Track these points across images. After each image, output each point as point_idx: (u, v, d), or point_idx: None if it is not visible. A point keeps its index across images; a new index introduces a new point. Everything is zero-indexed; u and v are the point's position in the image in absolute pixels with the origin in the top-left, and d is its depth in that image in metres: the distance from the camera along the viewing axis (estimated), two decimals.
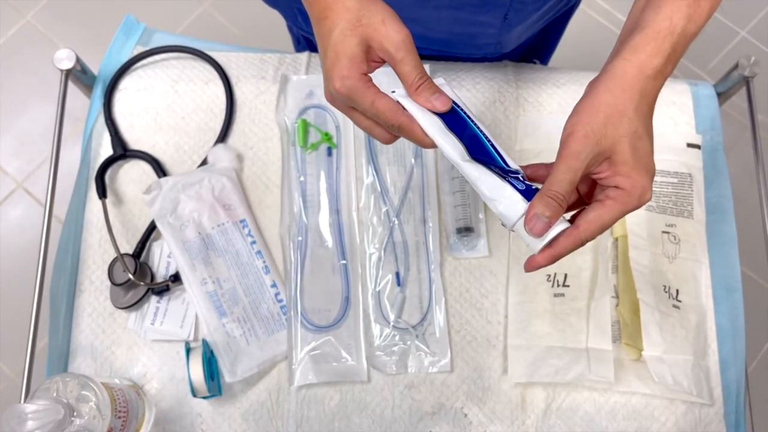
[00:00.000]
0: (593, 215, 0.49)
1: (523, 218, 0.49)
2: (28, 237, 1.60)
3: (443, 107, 0.50)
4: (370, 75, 0.50)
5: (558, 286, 0.72)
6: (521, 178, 0.51)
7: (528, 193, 0.50)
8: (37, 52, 1.73)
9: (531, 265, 0.51)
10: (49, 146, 0.76)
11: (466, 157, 0.51)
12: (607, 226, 0.49)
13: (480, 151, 0.51)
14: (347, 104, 0.51)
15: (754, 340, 0.79)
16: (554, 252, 0.49)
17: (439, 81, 0.53)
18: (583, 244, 0.49)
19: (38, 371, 0.70)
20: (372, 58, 0.51)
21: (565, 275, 0.72)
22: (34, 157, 1.65)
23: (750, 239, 0.81)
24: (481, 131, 0.52)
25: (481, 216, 0.76)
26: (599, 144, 0.48)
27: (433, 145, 0.50)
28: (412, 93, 0.50)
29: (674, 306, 0.71)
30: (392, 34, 0.49)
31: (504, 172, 0.51)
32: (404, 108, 0.50)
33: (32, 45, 1.74)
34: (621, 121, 0.48)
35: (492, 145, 0.52)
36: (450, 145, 0.50)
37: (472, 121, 0.53)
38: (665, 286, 0.72)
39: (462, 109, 0.53)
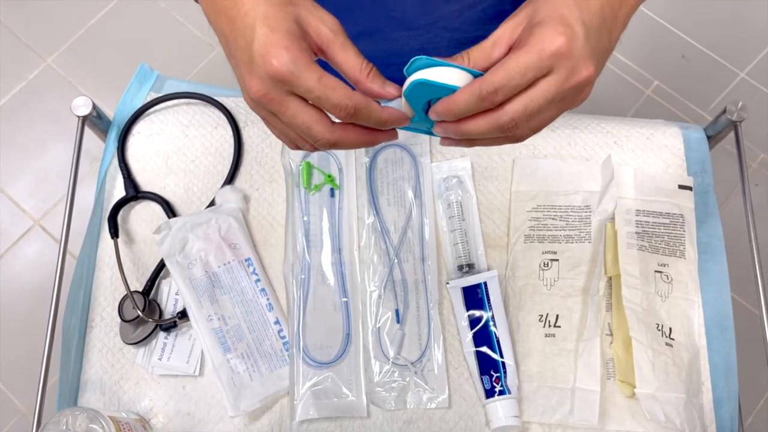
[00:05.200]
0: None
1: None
2: (43, 273, 1.65)
3: (397, 92, 0.47)
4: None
5: (550, 326, 0.74)
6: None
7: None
8: (56, 94, 1.80)
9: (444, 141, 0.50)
10: (66, 186, 0.80)
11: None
12: (513, 75, 0.43)
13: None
14: (283, 90, 0.44)
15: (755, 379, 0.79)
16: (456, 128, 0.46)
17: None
18: (484, 98, 0.44)
19: (50, 405, 0.73)
20: (307, 43, 0.46)
21: (557, 316, 0.74)
22: (50, 196, 1.71)
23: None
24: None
25: (480, 252, 0.79)
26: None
27: (387, 123, 0.47)
28: (362, 80, 0.46)
29: (667, 344, 0.73)
30: (327, 18, 0.46)
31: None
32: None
33: (52, 88, 1.81)
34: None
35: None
36: None
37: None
38: (658, 325, 0.74)
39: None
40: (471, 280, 0.76)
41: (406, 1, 0.68)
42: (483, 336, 0.74)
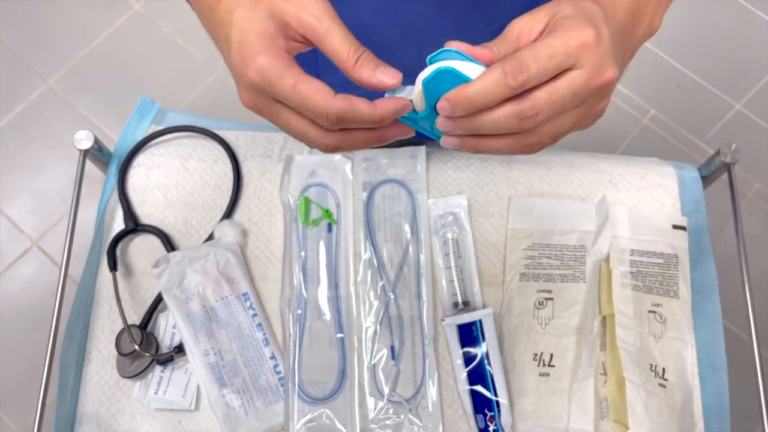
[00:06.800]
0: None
1: None
2: (40, 294, 1.65)
3: (392, 80, 0.41)
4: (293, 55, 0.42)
5: (544, 365, 0.74)
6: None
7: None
8: (56, 115, 1.81)
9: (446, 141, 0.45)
10: (64, 206, 0.81)
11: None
12: (540, 56, 0.39)
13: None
14: (269, 97, 0.42)
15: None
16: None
17: None
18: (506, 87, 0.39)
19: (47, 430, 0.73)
20: (290, 36, 0.42)
21: (551, 355, 0.75)
22: (49, 217, 1.71)
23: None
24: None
25: (476, 289, 0.80)
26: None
27: (384, 120, 0.42)
28: (350, 70, 0.41)
29: (660, 385, 0.74)
30: (309, 3, 0.41)
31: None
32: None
33: (52, 109, 1.82)
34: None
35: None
36: None
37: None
38: (652, 365, 0.74)
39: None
40: (466, 318, 0.76)
41: (405, 50, 0.69)
42: (478, 374, 0.74)
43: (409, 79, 0.47)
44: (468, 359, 0.75)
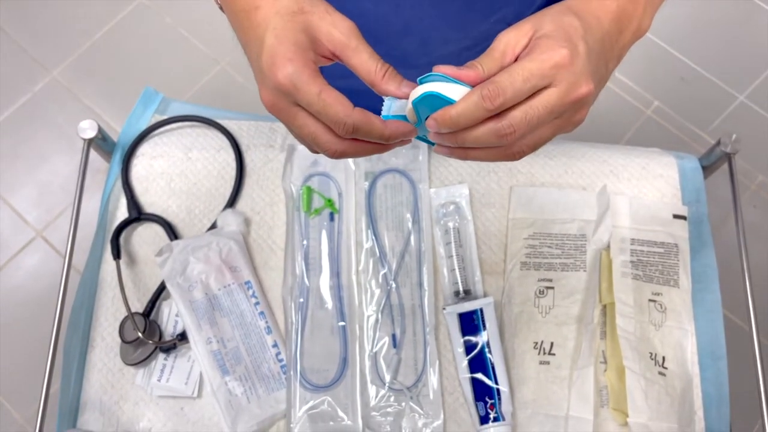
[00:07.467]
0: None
1: None
2: (44, 284, 1.66)
3: (411, 89, 0.47)
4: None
5: (544, 354, 0.75)
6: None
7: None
8: (60, 107, 1.82)
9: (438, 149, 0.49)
10: (68, 197, 0.82)
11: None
12: (515, 79, 0.43)
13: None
14: (291, 101, 0.46)
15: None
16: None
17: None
18: (486, 106, 0.43)
19: (50, 420, 0.74)
20: (319, 51, 0.47)
21: (552, 343, 0.75)
22: (53, 207, 1.72)
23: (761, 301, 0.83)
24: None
25: (477, 278, 0.80)
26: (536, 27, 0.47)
27: (391, 138, 0.47)
28: (378, 82, 0.46)
29: (660, 373, 0.74)
30: (340, 22, 0.46)
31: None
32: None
33: (56, 100, 1.82)
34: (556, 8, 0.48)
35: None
36: None
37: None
38: (652, 353, 0.75)
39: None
40: (467, 306, 0.77)
41: (407, 41, 0.69)
42: (478, 362, 0.75)
43: (410, 70, 0.49)
44: (469, 347, 0.76)
